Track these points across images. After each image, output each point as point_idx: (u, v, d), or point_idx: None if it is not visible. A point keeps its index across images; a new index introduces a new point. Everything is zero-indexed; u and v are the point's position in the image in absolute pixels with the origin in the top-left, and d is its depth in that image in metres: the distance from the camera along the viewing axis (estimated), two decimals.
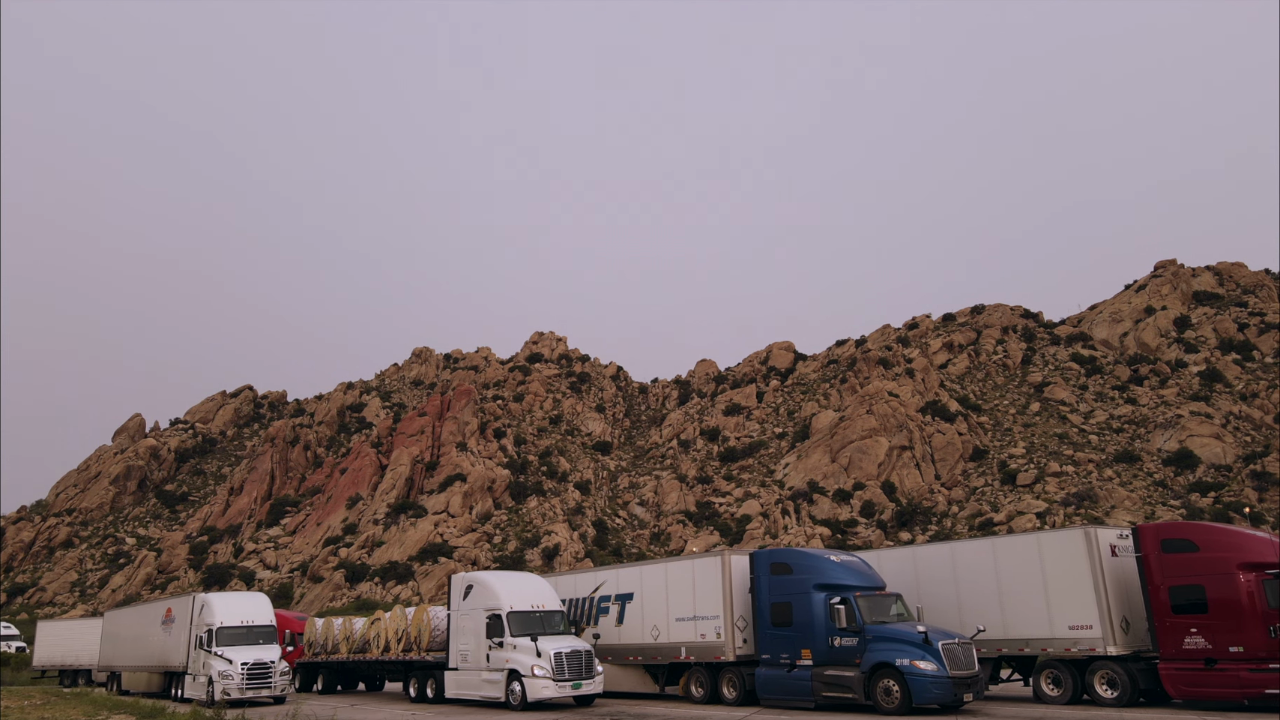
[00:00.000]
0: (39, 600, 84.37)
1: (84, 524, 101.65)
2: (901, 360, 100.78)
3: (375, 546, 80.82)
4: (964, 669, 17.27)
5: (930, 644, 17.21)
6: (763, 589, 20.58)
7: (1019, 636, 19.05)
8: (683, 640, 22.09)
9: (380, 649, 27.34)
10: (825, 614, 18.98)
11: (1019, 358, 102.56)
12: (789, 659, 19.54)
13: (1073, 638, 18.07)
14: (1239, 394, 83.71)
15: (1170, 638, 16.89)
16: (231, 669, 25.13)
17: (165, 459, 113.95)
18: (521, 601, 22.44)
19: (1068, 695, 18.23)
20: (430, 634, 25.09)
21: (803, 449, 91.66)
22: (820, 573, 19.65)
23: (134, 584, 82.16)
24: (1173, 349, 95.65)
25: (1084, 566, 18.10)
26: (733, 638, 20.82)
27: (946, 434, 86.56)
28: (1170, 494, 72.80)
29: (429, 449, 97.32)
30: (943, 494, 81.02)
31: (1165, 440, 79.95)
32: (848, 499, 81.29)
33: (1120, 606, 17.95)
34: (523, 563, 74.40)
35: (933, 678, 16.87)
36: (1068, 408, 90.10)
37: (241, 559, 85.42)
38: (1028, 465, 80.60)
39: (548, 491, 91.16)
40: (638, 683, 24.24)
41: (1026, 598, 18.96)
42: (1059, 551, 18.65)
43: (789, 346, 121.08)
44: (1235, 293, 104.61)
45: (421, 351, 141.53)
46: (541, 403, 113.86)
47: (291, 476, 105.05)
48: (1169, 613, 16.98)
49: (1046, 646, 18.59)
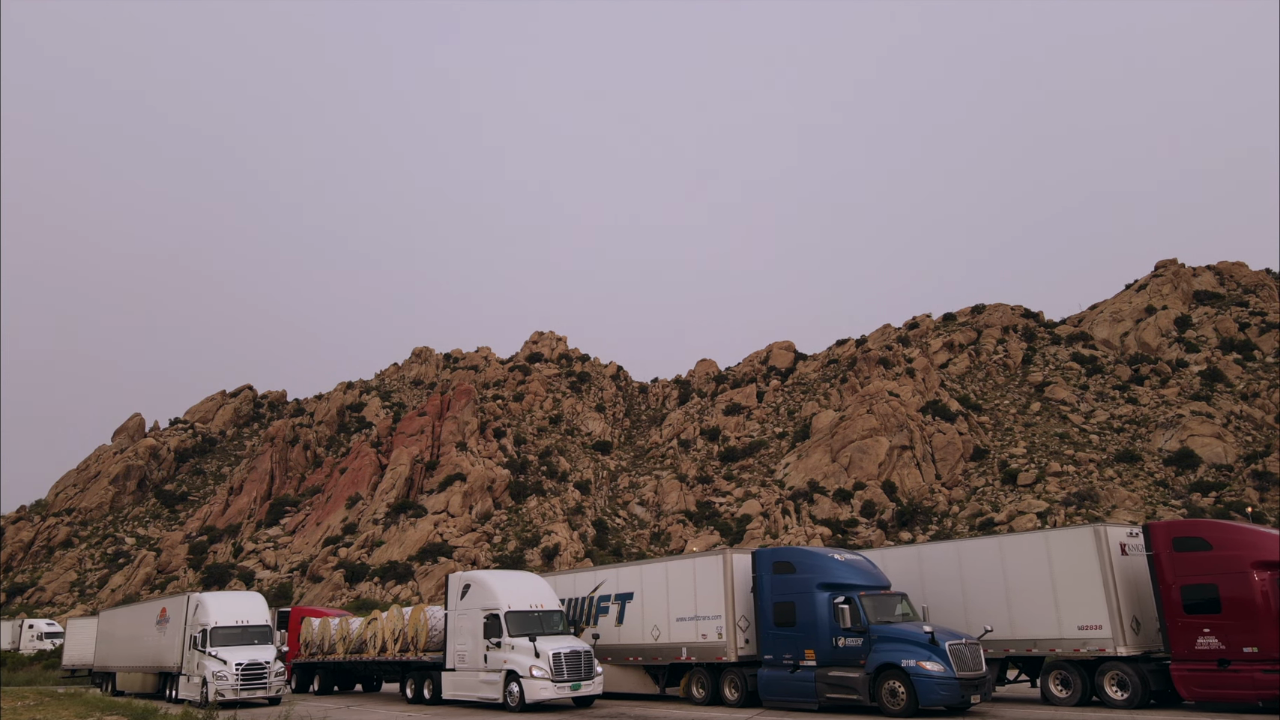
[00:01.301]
0: (38, 600, 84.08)
1: (83, 524, 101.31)
2: (902, 360, 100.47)
3: (375, 546, 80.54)
4: (971, 670, 16.92)
5: (937, 644, 16.86)
6: (765, 588, 20.23)
7: (1026, 637, 18.68)
8: (684, 640, 21.74)
9: (377, 649, 26.97)
10: (829, 614, 18.64)
11: (1019, 357, 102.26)
12: (792, 660, 19.19)
13: (1082, 638, 17.69)
14: (1240, 394, 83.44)
15: (1182, 638, 16.50)
16: (226, 669, 24.79)
17: (165, 459, 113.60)
18: (519, 601, 22.10)
19: (1076, 697, 17.85)
20: (427, 634, 24.72)
21: (803, 449, 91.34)
22: (824, 572, 19.30)
23: (133, 584, 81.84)
24: (1173, 348, 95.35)
25: (1093, 565, 17.72)
26: (735, 638, 20.47)
27: (947, 434, 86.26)
28: (1171, 494, 72.52)
29: (429, 449, 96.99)
30: (943, 494, 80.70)
31: (1166, 440, 79.68)
32: (848, 499, 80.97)
33: (1130, 606, 17.58)
34: (522, 563, 74.08)
35: (939, 679, 16.50)
36: (1068, 407, 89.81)
37: (241, 559, 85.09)
38: (1028, 465, 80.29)
39: (547, 491, 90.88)
40: (638, 684, 23.87)
41: (1034, 597, 18.58)
42: (1068, 550, 18.27)
43: (789, 346, 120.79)
44: (1236, 292, 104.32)
45: (421, 351, 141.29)
46: (541, 402, 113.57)
47: (291, 476, 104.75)
48: (1181, 612, 16.58)
49: (1055, 647, 18.21)
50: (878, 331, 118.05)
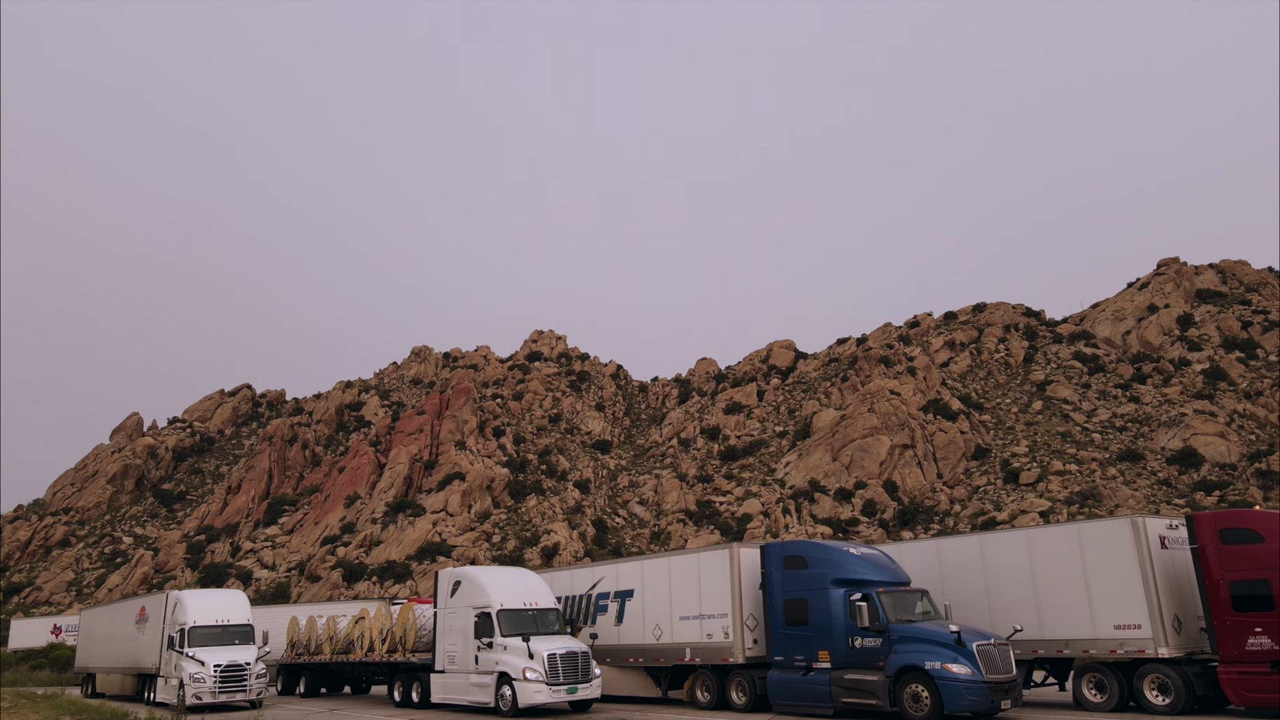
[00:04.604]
0: (35, 600, 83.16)
1: (81, 523, 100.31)
2: (903, 358, 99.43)
3: (373, 546, 79.58)
4: (1001, 673, 15.62)
5: (964, 645, 15.53)
6: (775, 585, 18.91)
7: (1057, 637, 17.40)
8: (687, 640, 20.48)
9: (364, 650, 25.69)
10: (845, 612, 17.31)
11: (1021, 356, 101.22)
12: (804, 661, 17.88)
13: (1119, 638, 16.41)
14: (1243, 392, 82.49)
15: (1231, 638, 15.18)
16: (203, 671, 23.50)
17: (163, 458, 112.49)
18: (513, 599, 20.82)
19: (1113, 701, 16.52)
20: (416, 633, 23.44)
21: (804, 448, 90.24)
22: (839, 566, 17.95)
23: (131, 583, 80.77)
24: (1176, 347, 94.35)
25: (1131, 559, 16.45)
26: (742, 638, 19.20)
27: (948, 432, 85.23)
28: (1175, 493, 71.58)
29: (427, 448, 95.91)
30: (945, 493, 79.64)
31: (1169, 439, 78.72)
32: (849, 498, 79.94)
33: (1171, 604, 16.31)
34: (521, 562, 73.06)
35: (967, 683, 15.18)
36: (1070, 406, 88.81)
37: (239, 558, 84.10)
38: (1030, 464, 79.31)
39: (547, 490, 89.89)
40: (638, 686, 22.62)
41: (1066, 594, 17.29)
42: (1102, 543, 16.97)
43: (790, 345, 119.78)
44: (1238, 291, 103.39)
45: (420, 350, 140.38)
46: (541, 401, 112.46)
47: (289, 475, 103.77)
48: (1230, 610, 15.25)
49: (1089, 648, 16.93)
50: (879, 330, 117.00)
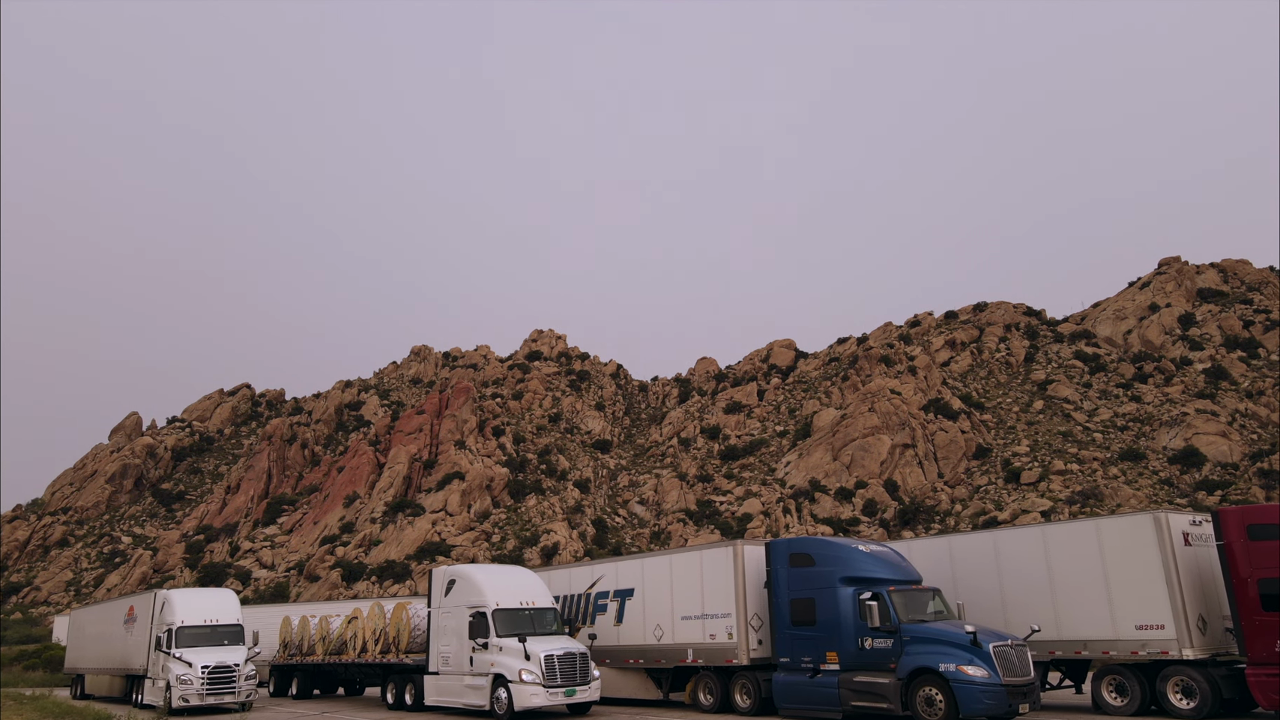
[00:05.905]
0: (34, 600, 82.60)
1: (80, 523, 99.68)
2: (904, 358, 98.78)
3: (372, 545, 79.00)
4: (1019, 675, 14.90)
5: (980, 646, 14.80)
6: (781, 583, 18.20)
7: (1075, 637, 16.70)
8: (689, 641, 19.78)
9: (357, 650, 24.99)
10: (854, 611, 16.60)
11: (1022, 355, 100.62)
12: (812, 663, 17.18)
13: (1141, 639, 15.72)
14: (1245, 391, 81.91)
15: (1260, 639, 14.45)
16: (190, 673, 22.79)
17: (162, 457, 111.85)
18: (509, 598, 20.11)
19: (1135, 704, 15.83)
20: (410, 634, 22.73)
21: (804, 447, 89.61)
22: (847, 564, 17.23)
23: (129, 583, 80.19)
24: (1177, 346, 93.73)
25: (1154, 557, 15.75)
26: (746, 638, 18.51)
27: (949, 432, 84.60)
28: (1176, 492, 71.05)
29: (427, 447, 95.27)
30: (946, 492, 79.03)
31: (1171, 438, 78.12)
32: (850, 497, 79.33)
33: (1196, 603, 15.63)
34: (521, 561, 72.46)
35: (983, 685, 14.47)
36: (1071, 405, 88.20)
37: (238, 558, 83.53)
38: (1032, 463, 78.75)
39: (547, 490, 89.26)
40: (639, 688, 21.92)
41: (1084, 593, 16.59)
42: (1123, 540, 16.27)
43: (790, 344, 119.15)
44: (1240, 290, 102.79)
45: (420, 350, 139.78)
46: (540, 401, 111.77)
47: (289, 475, 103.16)
48: (1258, 609, 14.51)
49: (1108, 649, 16.23)
50: (879, 329, 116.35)
